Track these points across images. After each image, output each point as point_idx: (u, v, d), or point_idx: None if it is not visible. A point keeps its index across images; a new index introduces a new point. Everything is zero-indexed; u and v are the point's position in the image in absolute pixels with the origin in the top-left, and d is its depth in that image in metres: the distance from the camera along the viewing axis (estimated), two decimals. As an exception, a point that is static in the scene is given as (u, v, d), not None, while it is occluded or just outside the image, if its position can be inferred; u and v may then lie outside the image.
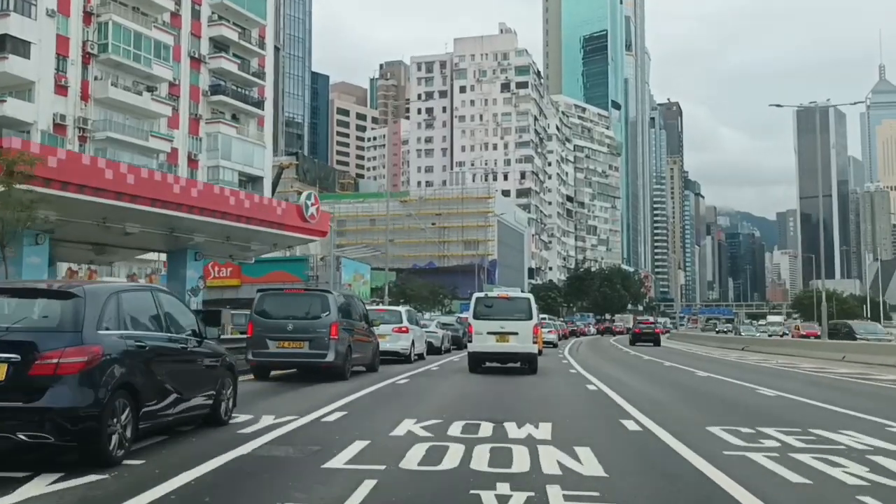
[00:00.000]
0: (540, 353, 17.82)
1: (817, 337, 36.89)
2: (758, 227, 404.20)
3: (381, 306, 21.45)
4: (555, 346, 34.38)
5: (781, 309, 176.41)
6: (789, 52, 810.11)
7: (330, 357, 12.56)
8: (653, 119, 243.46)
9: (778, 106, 28.53)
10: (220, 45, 52.96)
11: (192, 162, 50.46)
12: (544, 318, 40.65)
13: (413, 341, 18.24)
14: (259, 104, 56.64)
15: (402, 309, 19.31)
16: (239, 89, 54.79)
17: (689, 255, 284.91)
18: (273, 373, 13.48)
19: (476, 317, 15.36)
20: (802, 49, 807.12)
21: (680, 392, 11.97)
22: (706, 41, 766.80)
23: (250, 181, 54.61)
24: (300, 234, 21.52)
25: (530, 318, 15.38)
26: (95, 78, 43.59)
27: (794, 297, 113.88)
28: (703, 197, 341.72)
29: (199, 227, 18.78)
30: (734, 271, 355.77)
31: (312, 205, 21.46)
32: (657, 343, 42.60)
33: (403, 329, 17.89)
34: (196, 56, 51.08)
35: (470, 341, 15.68)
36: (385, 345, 17.25)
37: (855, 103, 36.92)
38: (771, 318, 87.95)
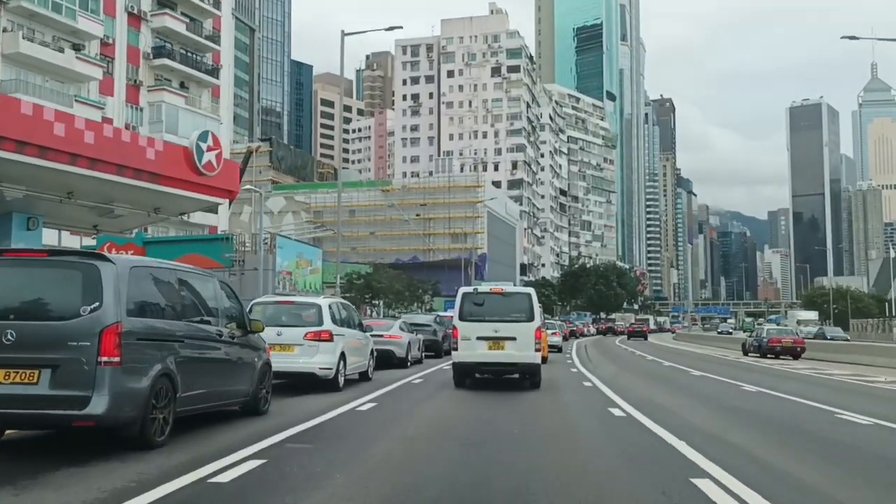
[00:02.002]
0: (545, 360, 15.30)
1: None
2: (748, 227, 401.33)
3: (283, 297, 13.92)
4: (559, 350, 29.15)
5: (780, 307, 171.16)
6: (781, 51, 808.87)
7: (99, 406, 5.42)
8: (646, 115, 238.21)
9: (852, 38, 21.95)
10: (164, 0, 45.66)
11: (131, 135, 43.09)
12: (546, 318, 34.25)
13: (342, 354, 11.14)
14: (213, 72, 49.33)
15: (325, 301, 11.64)
16: (189, 54, 47.49)
17: (682, 253, 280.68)
18: (8, 432, 6.31)
19: (463, 317, 12.21)
20: (794, 48, 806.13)
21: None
22: (696, 40, 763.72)
23: (203, 160, 47.34)
24: (190, 193, 14.31)
25: (532, 318, 12.22)
26: (3, 30, 36.24)
27: (804, 295, 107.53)
28: (695, 195, 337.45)
29: (6, 171, 11.61)
30: (726, 270, 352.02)
31: (210, 149, 14.28)
32: (645, 338, 55.91)
33: (324, 334, 10.70)
34: (135, 12, 43.74)
35: (455, 348, 12.33)
36: (290, 361, 10.28)
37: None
38: (803, 315, 68.24)
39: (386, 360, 16.18)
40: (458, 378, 12.49)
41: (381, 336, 16.31)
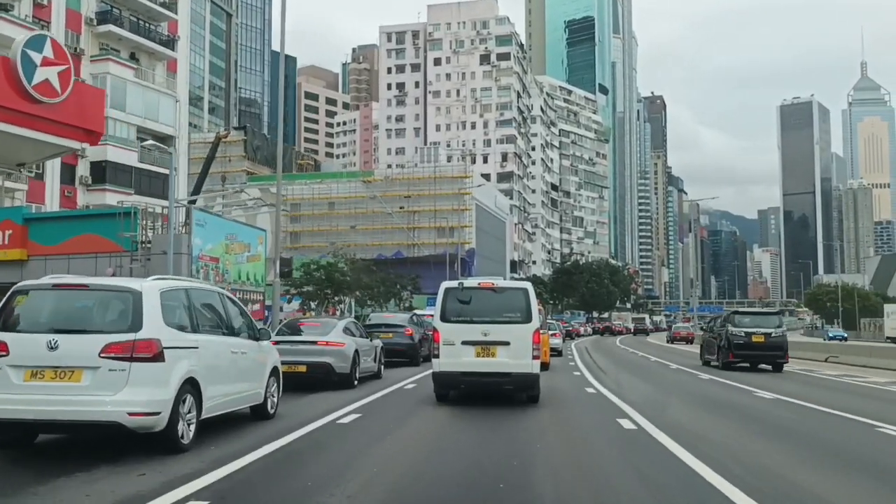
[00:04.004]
0: (546, 366, 14.49)
1: None
2: (737, 226, 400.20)
3: (73, 279, 7.86)
4: (560, 353, 25.41)
5: (774, 306, 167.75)
6: (771, 51, 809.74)
7: None
8: (637, 112, 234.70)
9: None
10: (110, -41, 40.56)
11: (69, 110, 37.89)
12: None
13: (191, 383, 5.95)
14: (169, 43, 44.27)
15: (152, 285, 6.03)
16: (140, 21, 42.43)
17: (673, 252, 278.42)
18: None
19: (445, 318, 10.15)
20: (785, 48, 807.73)
21: None
22: (688, 41, 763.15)
23: (156, 141, 42.21)
24: (16, 127, 9.35)
25: (528, 318, 10.11)
26: None
27: (807, 293, 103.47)
28: (686, 193, 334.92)
29: None
30: (716, 269, 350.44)
31: (49, 62, 9.42)
32: (647, 334, 63.67)
33: (143, 347, 5.51)
34: (75, -30, 38.63)
35: (436, 355, 10.14)
36: (70, 400, 5.34)
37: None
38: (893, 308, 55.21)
39: (321, 377, 11.27)
40: (439, 391, 10.68)
41: (314, 343, 11.42)
